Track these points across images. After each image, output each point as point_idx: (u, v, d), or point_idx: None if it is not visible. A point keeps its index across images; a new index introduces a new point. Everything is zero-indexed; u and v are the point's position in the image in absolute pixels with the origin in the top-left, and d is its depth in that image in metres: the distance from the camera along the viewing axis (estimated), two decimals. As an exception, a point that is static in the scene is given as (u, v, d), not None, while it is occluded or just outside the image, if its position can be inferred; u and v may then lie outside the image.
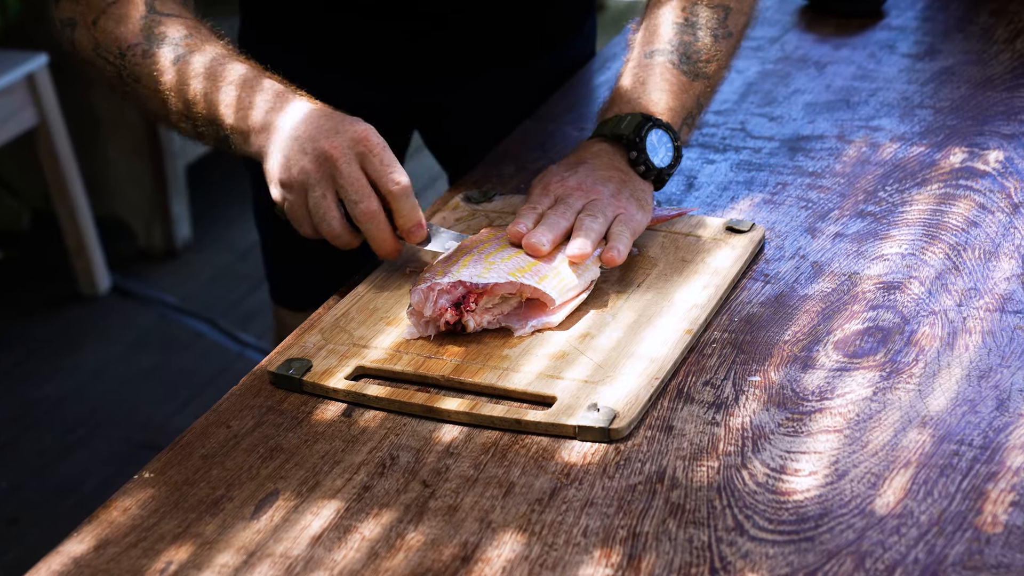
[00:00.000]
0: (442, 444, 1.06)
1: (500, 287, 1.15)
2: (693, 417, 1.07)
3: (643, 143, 1.31)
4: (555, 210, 1.24)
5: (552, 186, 1.28)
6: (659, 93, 1.36)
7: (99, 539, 0.97)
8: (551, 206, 1.25)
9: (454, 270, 1.17)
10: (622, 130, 1.32)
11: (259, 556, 0.95)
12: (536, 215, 1.24)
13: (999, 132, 1.52)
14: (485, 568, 0.93)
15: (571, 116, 1.62)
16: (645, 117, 1.32)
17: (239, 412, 1.11)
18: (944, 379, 1.10)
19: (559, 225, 1.22)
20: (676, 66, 1.37)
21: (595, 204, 1.25)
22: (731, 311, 1.21)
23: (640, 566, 0.92)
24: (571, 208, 1.24)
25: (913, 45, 1.77)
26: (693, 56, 1.38)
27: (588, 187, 1.26)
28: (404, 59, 1.58)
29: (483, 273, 1.16)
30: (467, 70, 1.61)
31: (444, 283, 1.15)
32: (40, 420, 2.75)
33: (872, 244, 1.31)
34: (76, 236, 3.06)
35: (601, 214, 1.24)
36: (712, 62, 1.40)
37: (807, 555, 0.93)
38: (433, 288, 1.14)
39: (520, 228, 1.22)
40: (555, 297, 1.17)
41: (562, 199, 1.26)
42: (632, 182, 1.30)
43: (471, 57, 1.60)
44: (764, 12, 1.89)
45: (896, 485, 0.99)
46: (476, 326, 1.15)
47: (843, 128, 1.55)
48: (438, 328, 1.15)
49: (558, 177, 1.28)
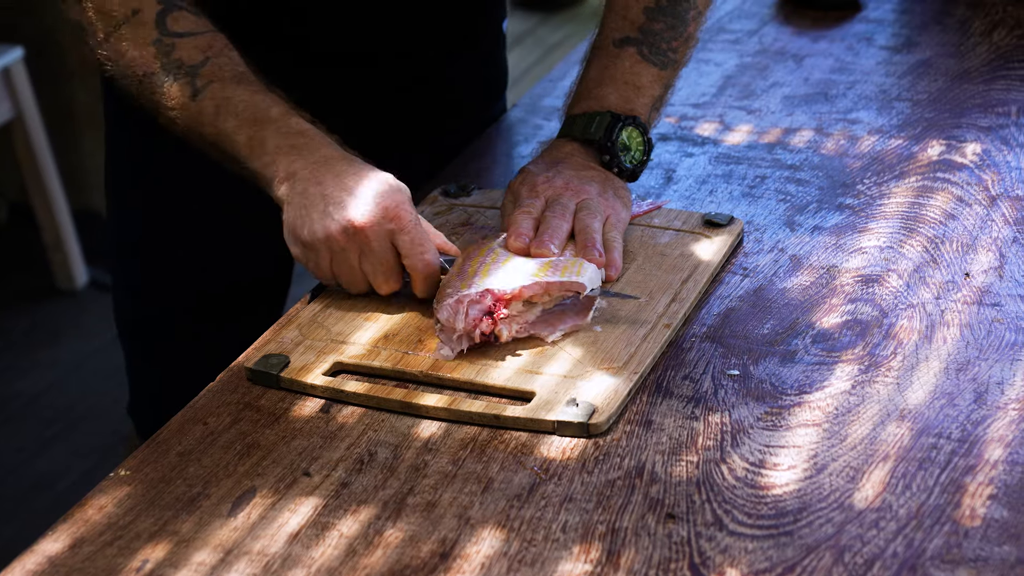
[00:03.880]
0: (420, 440, 1.06)
1: (528, 289, 1.14)
2: (672, 412, 1.07)
3: (614, 147, 1.31)
4: (552, 212, 1.23)
5: (540, 187, 1.27)
6: (628, 88, 1.34)
7: (74, 538, 0.97)
8: (545, 207, 1.24)
9: (477, 281, 1.15)
10: (592, 134, 1.31)
11: (236, 554, 0.95)
12: (532, 220, 1.23)
13: (976, 125, 1.52)
14: (464, 564, 0.93)
15: (549, 110, 1.61)
16: (615, 116, 1.31)
17: (216, 409, 1.11)
18: (922, 372, 1.10)
19: (562, 229, 1.22)
20: (646, 58, 1.36)
21: (588, 204, 1.24)
22: (710, 305, 1.21)
23: (619, 562, 0.92)
24: (567, 209, 1.24)
25: (891, 38, 1.77)
26: (663, 45, 1.36)
27: (576, 187, 1.26)
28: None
29: (506, 279, 1.15)
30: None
31: (472, 293, 1.13)
32: (17, 415, 2.73)
33: (850, 237, 1.31)
34: (53, 230, 3.04)
35: (599, 213, 1.24)
36: (681, 47, 1.38)
37: (786, 549, 0.93)
38: (462, 301, 1.13)
39: (523, 239, 1.21)
40: (586, 283, 1.15)
41: (554, 200, 1.25)
42: (611, 180, 1.30)
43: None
44: (742, 5, 1.89)
45: (875, 479, 0.99)
46: (509, 335, 1.14)
47: (821, 121, 1.55)
48: (472, 340, 1.13)
49: (543, 178, 1.27)
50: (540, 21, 4.31)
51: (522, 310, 1.15)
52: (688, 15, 1.38)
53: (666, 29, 1.36)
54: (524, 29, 4.27)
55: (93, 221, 3.27)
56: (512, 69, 1.74)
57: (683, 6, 1.37)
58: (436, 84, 1.50)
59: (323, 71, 1.41)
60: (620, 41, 1.36)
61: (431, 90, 1.49)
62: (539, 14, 4.33)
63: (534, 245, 1.20)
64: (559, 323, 1.15)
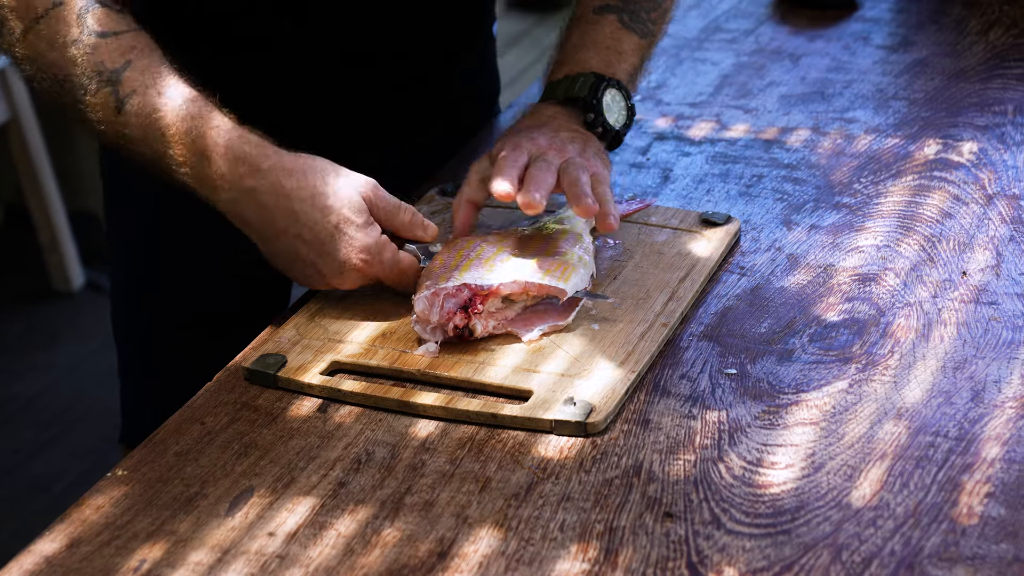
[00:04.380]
0: (418, 439, 1.06)
1: (506, 287, 1.14)
2: (669, 410, 1.07)
3: (599, 105, 1.29)
4: (536, 166, 1.20)
5: (524, 144, 1.23)
6: (610, 53, 1.33)
7: (72, 538, 0.97)
8: (529, 163, 1.22)
9: (456, 275, 1.15)
10: (576, 92, 1.30)
11: (234, 553, 0.95)
12: (517, 170, 1.20)
13: (973, 123, 1.52)
14: (461, 564, 0.93)
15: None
16: (599, 77, 1.30)
17: (213, 408, 1.10)
18: (919, 371, 1.10)
19: (547, 181, 1.18)
20: (627, 25, 1.34)
21: (573, 160, 1.22)
22: (707, 304, 1.21)
23: (617, 560, 0.92)
24: (551, 164, 1.20)
25: (887, 37, 1.78)
26: (643, 14, 1.35)
27: (559, 146, 1.23)
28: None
29: (486, 275, 1.15)
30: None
31: (449, 287, 1.13)
32: (13, 417, 2.73)
33: (847, 236, 1.31)
34: (49, 232, 3.04)
35: (583, 170, 1.20)
36: (658, 20, 1.37)
37: (784, 548, 0.93)
38: (438, 293, 1.13)
39: (506, 186, 1.17)
40: (568, 290, 1.15)
41: (539, 156, 1.22)
42: (592, 141, 1.28)
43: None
44: (739, 4, 1.89)
45: (872, 477, 0.99)
46: (484, 330, 1.13)
47: (818, 120, 1.55)
48: (445, 334, 1.13)
49: (526, 136, 1.25)
50: (536, 22, 4.31)
51: (501, 307, 1.15)
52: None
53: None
54: (520, 30, 4.27)
55: (89, 223, 3.26)
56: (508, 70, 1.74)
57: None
58: (434, 84, 1.49)
59: (322, 71, 1.40)
60: (600, 8, 1.35)
61: (429, 90, 1.49)
62: (535, 15, 4.33)
63: (520, 194, 1.17)
64: (538, 322, 1.15)
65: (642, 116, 1.57)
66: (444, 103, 1.52)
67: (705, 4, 1.91)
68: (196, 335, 1.50)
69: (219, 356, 1.18)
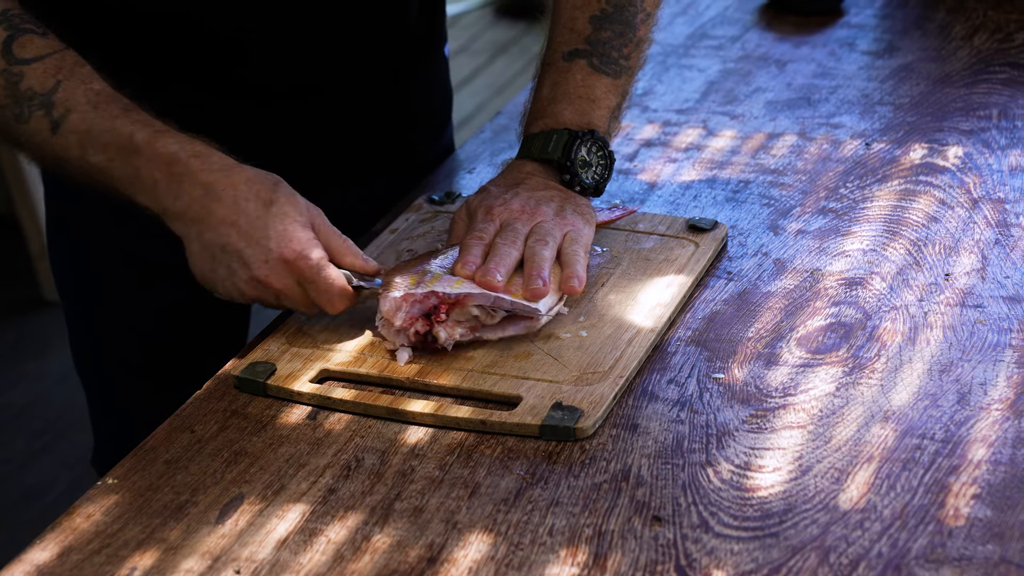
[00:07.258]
0: (407, 446, 1.06)
1: (472, 298, 1.15)
2: (658, 415, 1.08)
3: (574, 166, 1.28)
4: (503, 239, 1.20)
5: (496, 210, 1.23)
6: (583, 102, 1.31)
7: (62, 546, 0.97)
8: (497, 233, 1.21)
9: (427, 281, 1.16)
10: (549, 153, 1.28)
11: (224, 561, 0.95)
12: (483, 245, 1.20)
13: (958, 128, 1.53)
14: (451, 569, 0.93)
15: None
16: (572, 134, 1.28)
17: (203, 417, 1.11)
18: (906, 374, 1.11)
19: (510, 256, 1.18)
20: (597, 69, 1.32)
21: (541, 227, 1.21)
22: (694, 309, 1.22)
23: (606, 564, 0.93)
24: (519, 235, 1.20)
25: (872, 42, 1.78)
26: (614, 54, 1.33)
27: (532, 209, 1.23)
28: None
29: (455, 284, 1.16)
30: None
31: (418, 293, 1.14)
32: (4, 427, 2.73)
33: (834, 241, 1.32)
34: (39, 241, 3.04)
35: (550, 237, 1.20)
36: (633, 53, 1.34)
37: (772, 551, 0.93)
38: (407, 298, 1.14)
39: (470, 267, 1.17)
40: (540, 309, 1.15)
41: (508, 225, 1.21)
42: (571, 198, 1.27)
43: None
44: (725, 11, 1.90)
45: (859, 480, 0.99)
46: (448, 338, 1.14)
47: (804, 126, 1.56)
48: (409, 339, 1.14)
49: (500, 200, 1.24)
50: (524, 30, 4.32)
51: (469, 318, 1.15)
52: (636, 19, 1.34)
53: (614, 37, 1.33)
54: (509, 37, 4.28)
55: (79, 232, 3.25)
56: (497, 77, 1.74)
57: (630, 11, 1.34)
58: (385, 110, 1.46)
59: (270, 106, 1.38)
60: (569, 54, 1.32)
61: (380, 117, 1.46)
62: (523, 23, 4.34)
63: (479, 273, 1.16)
64: (509, 325, 1.15)
65: (629, 123, 1.58)
66: (398, 127, 1.49)
67: (691, 11, 1.92)
68: (152, 373, 1.48)
69: (179, 392, 1.17)
